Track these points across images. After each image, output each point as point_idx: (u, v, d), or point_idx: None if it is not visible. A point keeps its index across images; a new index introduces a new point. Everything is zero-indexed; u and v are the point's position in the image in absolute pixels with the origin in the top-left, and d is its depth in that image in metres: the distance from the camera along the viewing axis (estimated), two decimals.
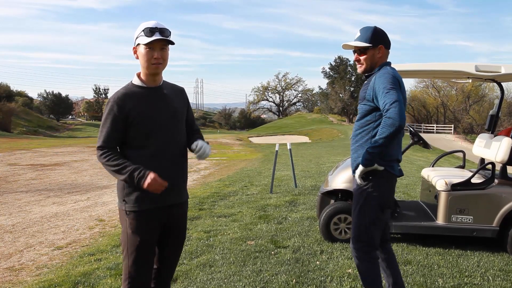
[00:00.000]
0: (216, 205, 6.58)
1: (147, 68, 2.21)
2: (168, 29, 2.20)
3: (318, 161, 13.61)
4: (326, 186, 4.68)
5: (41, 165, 13.33)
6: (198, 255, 4.20)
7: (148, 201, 2.21)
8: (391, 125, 2.38)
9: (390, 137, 2.41)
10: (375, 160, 2.51)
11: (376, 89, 2.53)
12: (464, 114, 51.35)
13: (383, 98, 2.45)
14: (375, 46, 2.65)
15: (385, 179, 2.63)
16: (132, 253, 2.21)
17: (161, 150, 2.23)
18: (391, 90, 2.44)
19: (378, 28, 2.70)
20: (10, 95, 55.53)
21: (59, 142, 29.35)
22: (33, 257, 4.38)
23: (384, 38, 2.69)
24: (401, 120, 2.37)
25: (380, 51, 2.67)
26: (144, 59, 2.18)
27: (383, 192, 2.65)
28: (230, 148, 24.23)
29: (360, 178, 2.59)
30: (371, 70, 2.71)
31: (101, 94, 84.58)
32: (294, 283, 3.48)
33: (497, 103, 5.03)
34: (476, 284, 3.49)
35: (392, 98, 2.41)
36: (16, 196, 8.02)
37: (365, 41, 2.66)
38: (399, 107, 2.38)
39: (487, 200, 4.19)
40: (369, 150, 2.49)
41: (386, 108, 2.41)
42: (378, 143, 2.44)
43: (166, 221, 2.31)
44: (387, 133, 2.39)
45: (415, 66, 4.48)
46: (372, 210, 2.65)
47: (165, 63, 2.24)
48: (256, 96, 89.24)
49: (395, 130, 2.38)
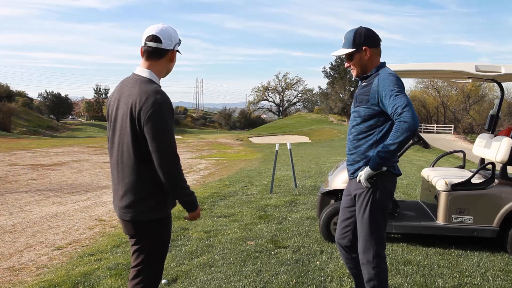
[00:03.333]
0: (216, 205, 6.58)
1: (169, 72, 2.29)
2: None
3: (318, 161, 13.61)
4: (326, 186, 4.68)
5: (41, 165, 13.33)
6: (198, 255, 4.20)
7: (171, 205, 2.24)
8: (407, 129, 2.33)
9: (404, 141, 2.37)
10: (386, 164, 2.50)
11: (381, 92, 2.48)
12: (464, 114, 51.38)
13: (392, 102, 2.40)
14: (359, 49, 2.60)
15: (389, 179, 2.62)
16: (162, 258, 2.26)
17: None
18: (400, 94, 2.40)
19: (360, 29, 2.63)
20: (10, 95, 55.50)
21: (59, 142, 29.35)
22: (33, 257, 4.38)
23: (368, 38, 2.61)
24: (416, 124, 2.34)
25: (366, 52, 2.60)
26: (174, 64, 2.28)
27: (388, 193, 2.64)
28: (230, 148, 24.23)
29: (366, 181, 2.56)
30: (365, 72, 2.66)
31: (102, 94, 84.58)
32: (294, 283, 3.48)
33: (497, 103, 5.03)
34: (476, 284, 3.49)
35: (403, 101, 2.37)
36: (16, 196, 8.03)
37: (348, 46, 2.62)
38: (412, 111, 2.35)
39: (487, 200, 4.19)
40: (381, 154, 2.44)
41: (398, 112, 2.36)
42: (392, 147, 2.40)
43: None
44: (403, 138, 2.35)
45: (415, 66, 4.47)
46: (381, 212, 2.63)
47: None
48: (256, 96, 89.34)
49: (411, 134, 2.35)
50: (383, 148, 2.45)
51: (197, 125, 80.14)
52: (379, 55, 2.67)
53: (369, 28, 2.66)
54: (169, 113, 2.05)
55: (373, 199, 2.60)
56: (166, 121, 2.02)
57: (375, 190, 2.59)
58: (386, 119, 2.56)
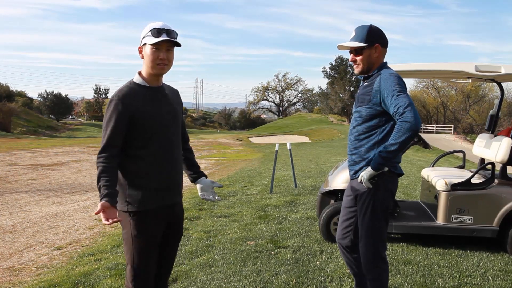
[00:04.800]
0: (216, 205, 6.58)
1: (152, 68, 2.20)
2: (175, 31, 2.20)
3: (318, 161, 13.61)
4: (326, 186, 4.68)
5: (41, 165, 13.33)
6: (198, 255, 4.20)
7: (152, 201, 2.22)
8: (409, 129, 2.33)
9: (406, 141, 2.36)
10: (387, 164, 2.49)
11: (383, 92, 2.48)
12: (464, 114, 51.36)
13: (394, 102, 2.40)
14: (371, 45, 2.58)
15: (390, 179, 2.62)
16: (139, 254, 2.21)
17: (161, 151, 2.23)
18: (402, 93, 2.40)
19: (373, 26, 2.63)
20: (10, 95, 55.42)
21: (59, 142, 29.34)
22: (33, 257, 4.38)
23: (380, 37, 2.62)
24: (418, 124, 2.33)
25: (376, 50, 2.60)
26: (149, 59, 2.18)
27: (390, 193, 2.64)
28: (230, 148, 24.23)
29: (368, 181, 2.55)
30: (368, 70, 2.65)
31: (101, 94, 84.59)
32: (294, 283, 3.48)
33: (497, 103, 5.03)
34: (476, 284, 3.49)
35: (405, 101, 2.36)
36: (16, 196, 8.02)
37: (361, 40, 2.59)
38: (414, 110, 2.34)
39: (487, 200, 4.19)
40: (383, 154, 2.43)
41: (400, 111, 2.36)
42: (394, 147, 2.39)
43: (168, 220, 2.33)
44: (405, 137, 2.35)
45: (415, 66, 4.47)
46: (382, 212, 2.63)
47: (170, 64, 2.24)
48: (256, 96, 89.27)
49: (413, 134, 2.34)
50: (385, 148, 2.44)
51: (197, 125, 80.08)
52: (384, 57, 2.69)
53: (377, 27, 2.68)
54: (107, 110, 2.16)
55: (375, 200, 2.60)
56: (104, 116, 2.19)
57: (377, 191, 2.58)
58: (388, 119, 2.55)
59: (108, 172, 2.10)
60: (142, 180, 2.20)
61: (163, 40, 2.13)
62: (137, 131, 2.17)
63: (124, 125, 2.13)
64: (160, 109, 2.24)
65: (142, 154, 2.19)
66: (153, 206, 2.22)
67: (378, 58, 2.64)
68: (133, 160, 2.19)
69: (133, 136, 2.18)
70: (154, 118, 2.20)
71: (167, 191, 2.27)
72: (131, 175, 2.20)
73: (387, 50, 2.69)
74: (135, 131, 2.17)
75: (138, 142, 2.19)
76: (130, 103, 2.14)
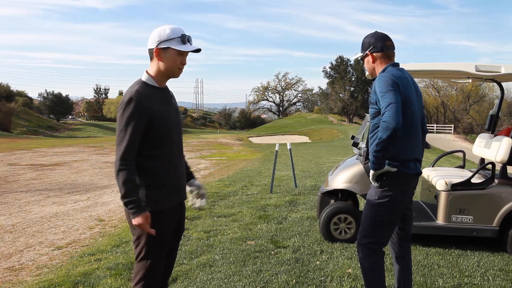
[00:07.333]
0: (216, 205, 6.58)
1: (172, 71, 2.23)
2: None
3: (318, 161, 13.62)
4: (326, 186, 4.68)
5: (41, 165, 13.33)
6: (198, 255, 4.20)
7: (166, 200, 2.24)
8: (386, 128, 2.42)
9: (387, 140, 2.44)
10: (381, 163, 2.55)
11: (377, 93, 2.59)
12: (464, 114, 51.35)
13: (380, 102, 2.52)
14: (365, 54, 2.80)
15: (398, 179, 2.64)
16: (154, 254, 2.22)
17: (171, 151, 2.26)
18: (387, 93, 2.50)
19: (368, 35, 2.81)
20: (10, 95, 55.44)
21: (59, 142, 29.35)
22: (33, 257, 4.38)
23: (369, 44, 2.76)
24: (396, 123, 2.40)
25: (370, 56, 2.77)
26: (172, 63, 2.21)
27: (396, 193, 2.65)
28: (230, 148, 24.24)
29: (374, 180, 2.64)
30: (373, 74, 2.81)
31: (102, 94, 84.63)
32: (294, 283, 3.48)
33: (497, 103, 5.03)
34: (476, 284, 3.49)
35: (387, 101, 2.47)
36: (16, 196, 8.03)
37: (361, 51, 2.84)
38: (394, 110, 2.42)
39: (487, 200, 4.19)
40: (373, 153, 2.54)
41: (382, 111, 2.48)
42: (378, 147, 2.50)
43: (176, 219, 2.36)
44: (384, 137, 2.44)
45: (415, 66, 4.47)
46: (383, 210, 2.66)
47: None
48: (256, 96, 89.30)
49: (391, 133, 2.41)
50: (373, 148, 2.55)
51: (197, 125, 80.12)
52: (386, 58, 2.75)
53: (378, 33, 2.77)
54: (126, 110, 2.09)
55: (378, 197, 2.66)
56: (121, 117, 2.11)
57: (382, 190, 2.65)
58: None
59: (134, 179, 2.10)
60: (156, 180, 2.21)
61: (192, 50, 2.21)
62: (152, 132, 2.17)
63: (143, 126, 2.12)
64: (169, 109, 2.28)
65: (156, 154, 2.20)
66: (167, 205, 2.25)
67: (376, 63, 2.77)
68: (147, 160, 2.18)
69: (148, 137, 2.16)
70: (166, 119, 2.22)
71: (178, 190, 2.31)
72: (146, 175, 2.19)
73: (386, 53, 2.74)
74: (150, 132, 2.16)
75: (153, 143, 2.19)
76: (148, 104, 2.14)
